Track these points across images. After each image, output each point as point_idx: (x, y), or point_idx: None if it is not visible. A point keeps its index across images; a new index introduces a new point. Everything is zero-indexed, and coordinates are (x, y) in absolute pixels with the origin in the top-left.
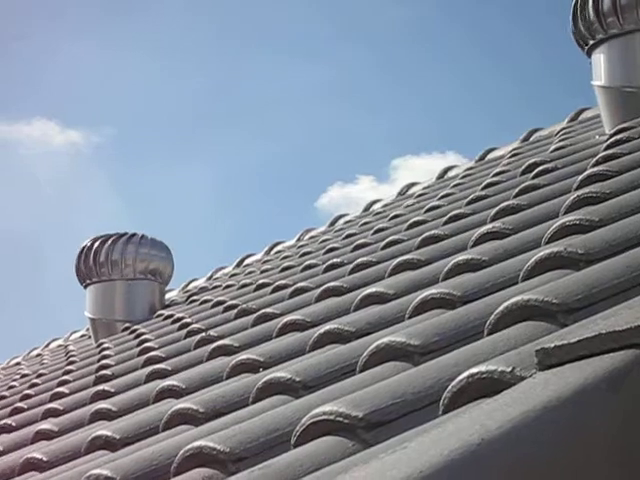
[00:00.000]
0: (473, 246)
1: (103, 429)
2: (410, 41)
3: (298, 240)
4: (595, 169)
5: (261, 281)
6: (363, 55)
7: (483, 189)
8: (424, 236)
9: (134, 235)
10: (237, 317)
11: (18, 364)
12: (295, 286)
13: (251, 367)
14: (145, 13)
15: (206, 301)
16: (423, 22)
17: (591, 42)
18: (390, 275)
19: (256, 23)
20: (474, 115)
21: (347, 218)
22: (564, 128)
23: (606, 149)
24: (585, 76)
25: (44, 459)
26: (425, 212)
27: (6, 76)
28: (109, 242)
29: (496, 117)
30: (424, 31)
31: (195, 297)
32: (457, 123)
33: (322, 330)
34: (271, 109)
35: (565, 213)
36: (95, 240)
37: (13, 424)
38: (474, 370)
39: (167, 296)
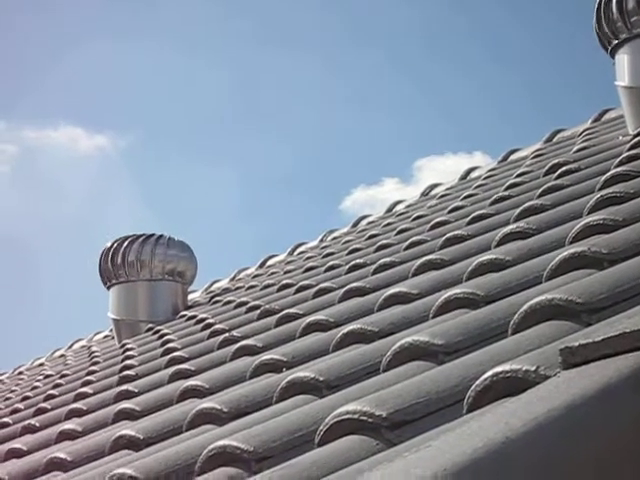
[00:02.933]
0: (497, 246)
1: (127, 429)
2: (430, 43)
3: (321, 241)
4: (618, 169)
5: (284, 282)
6: (384, 57)
7: (506, 189)
8: (447, 236)
9: (157, 236)
10: (260, 317)
11: (42, 365)
12: (318, 286)
13: (274, 367)
14: (170, 15)
15: (229, 302)
16: (443, 24)
17: (615, 42)
18: (414, 275)
19: (281, 26)
20: (500, 116)
21: (370, 219)
22: (587, 129)
23: (629, 149)
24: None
25: (68, 459)
26: (448, 213)
27: (32, 82)
28: (132, 243)
29: (522, 118)
30: (444, 33)
31: (218, 298)
32: (483, 123)
33: (345, 330)
34: (295, 111)
35: (589, 213)
36: (118, 241)
37: (37, 424)
38: (498, 369)
39: (190, 297)
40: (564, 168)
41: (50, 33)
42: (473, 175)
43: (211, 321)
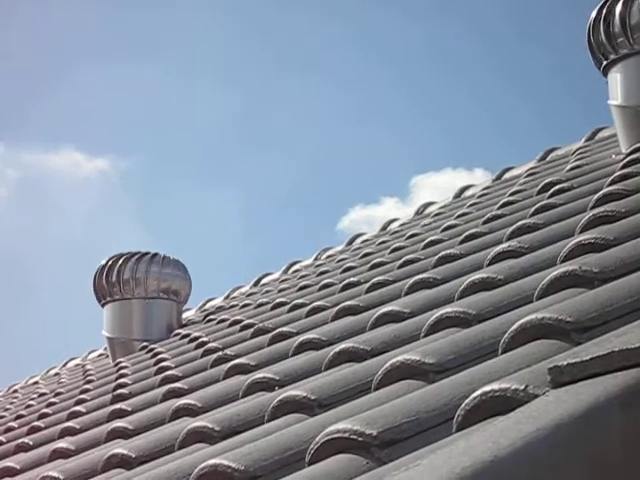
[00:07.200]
0: (489, 265)
1: (119, 448)
2: (431, 59)
3: (315, 259)
4: (611, 188)
5: (278, 300)
6: (385, 74)
7: (499, 208)
8: (440, 255)
9: (151, 254)
10: (253, 336)
11: (36, 383)
12: (312, 305)
13: (267, 386)
14: (171, 38)
15: (223, 320)
16: (444, 40)
17: (606, 61)
18: (406, 294)
19: (275, 45)
20: (500, 132)
21: (364, 237)
22: (580, 147)
23: (622, 168)
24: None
25: (61, 478)
26: (442, 231)
27: (32, 106)
28: (126, 261)
29: (525, 134)
30: (445, 49)
31: (212, 316)
32: (484, 140)
33: (338, 349)
34: (295, 131)
35: (580, 232)
36: (112, 259)
37: (30, 443)
38: (487, 388)
39: (184, 315)
40: (557, 187)
41: (50, 56)
42: (467, 193)
43: (205, 340)
